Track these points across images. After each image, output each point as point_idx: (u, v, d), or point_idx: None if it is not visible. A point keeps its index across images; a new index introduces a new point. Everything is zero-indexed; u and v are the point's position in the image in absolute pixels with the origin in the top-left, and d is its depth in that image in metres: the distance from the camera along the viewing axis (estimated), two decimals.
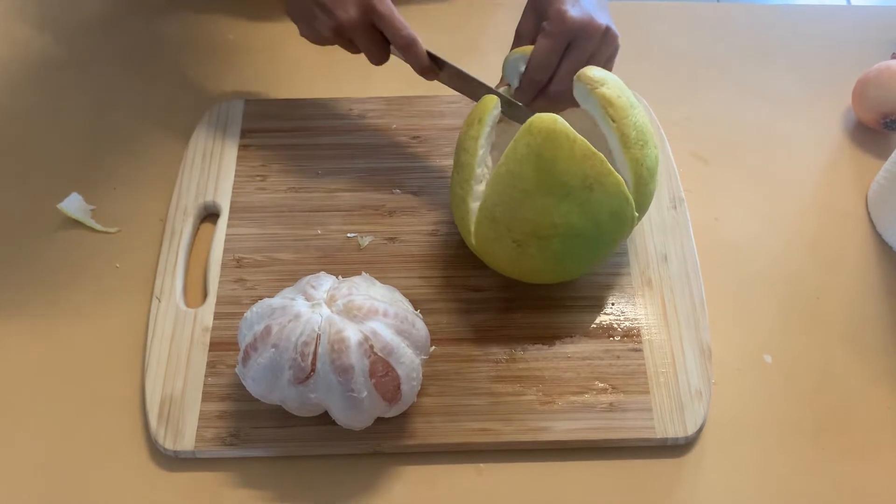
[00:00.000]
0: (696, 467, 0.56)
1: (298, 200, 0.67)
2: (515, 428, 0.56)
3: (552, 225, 0.54)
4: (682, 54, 0.79)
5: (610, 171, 0.54)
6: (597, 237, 0.56)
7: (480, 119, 0.57)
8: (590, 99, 0.56)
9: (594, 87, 0.56)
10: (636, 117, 0.56)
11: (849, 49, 0.78)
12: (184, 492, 0.55)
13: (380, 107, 0.72)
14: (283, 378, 0.51)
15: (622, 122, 0.56)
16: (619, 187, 0.54)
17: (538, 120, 0.53)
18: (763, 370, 0.60)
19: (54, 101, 0.74)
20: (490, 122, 0.57)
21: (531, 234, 0.55)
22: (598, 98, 0.56)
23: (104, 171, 0.69)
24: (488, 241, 0.57)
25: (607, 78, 0.57)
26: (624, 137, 0.56)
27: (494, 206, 0.55)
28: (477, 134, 0.57)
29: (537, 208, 0.54)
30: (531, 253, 0.56)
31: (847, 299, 0.63)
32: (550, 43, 0.58)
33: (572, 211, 0.54)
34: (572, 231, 0.55)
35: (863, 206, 0.68)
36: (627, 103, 0.56)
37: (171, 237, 0.65)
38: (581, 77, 0.56)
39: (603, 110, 0.56)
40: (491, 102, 0.58)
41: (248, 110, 0.72)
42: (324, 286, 0.52)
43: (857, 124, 0.73)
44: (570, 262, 0.58)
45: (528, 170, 0.53)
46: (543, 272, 0.59)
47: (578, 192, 0.53)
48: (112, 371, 0.59)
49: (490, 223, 0.56)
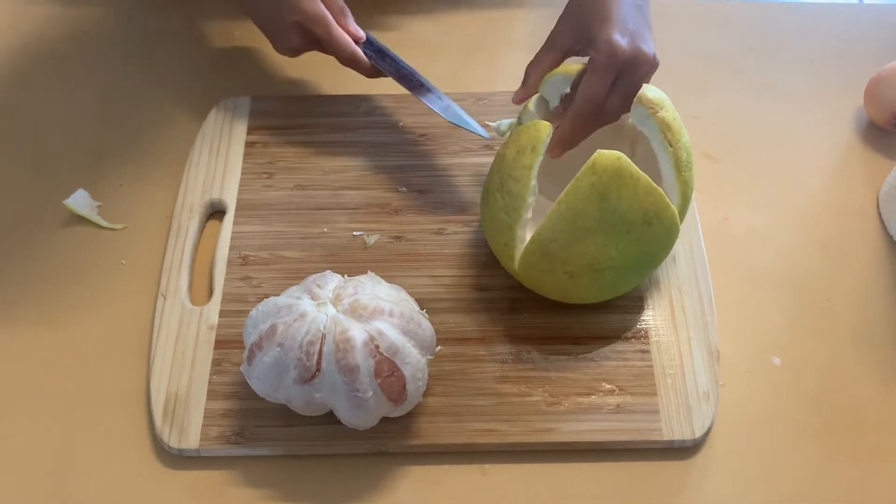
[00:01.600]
0: (703, 470, 0.55)
1: (305, 198, 0.67)
2: (521, 429, 0.56)
3: (609, 258, 0.54)
4: (693, 52, 0.78)
5: (668, 205, 0.54)
6: (648, 266, 0.57)
7: (534, 147, 0.55)
8: (648, 122, 0.56)
9: (654, 112, 0.56)
10: (686, 138, 0.57)
11: (861, 48, 0.78)
12: (188, 490, 0.54)
13: (387, 104, 0.72)
14: (288, 377, 0.51)
15: (677, 147, 0.56)
16: (674, 219, 0.55)
17: (602, 158, 0.52)
18: (771, 372, 0.59)
19: (61, 97, 0.74)
20: (542, 151, 0.55)
21: (586, 267, 0.55)
22: (658, 122, 0.56)
23: (110, 168, 0.69)
24: (537, 272, 0.57)
25: (663, 100, 0.57)
26: (678, 161, 0.56)
27: (550, 241, 0.54)
28: (530, 164, 0.55)
29: (596, 245, 0.54)
30: (583, 283, 0.56)
31: (857, 300, 0.62)
32: (601, 78, 0.55)
33: (630, 246, 0.54)
34: (627, 264, 0.55)
35: (874, 206, 0.68)
36: (680, 125, 0.57)
37: (177, 234, 0.64)
38: (642, 100, 0.56)
39: (662, 135, 0.56)
40: (544, 130, 0.55)
41: (255, 107, 0.72)
42: (329, 285, 0.52)
43: (868, 124, 0.72)
44: (619, 287, 0.58)
45: (591, 209, 0.53)
46: (590, 297, 0.59)
47: (638, 227, 0.54)
48: (117, 368, 0.59)
49: (542, 256, 0.55)
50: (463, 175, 0.68)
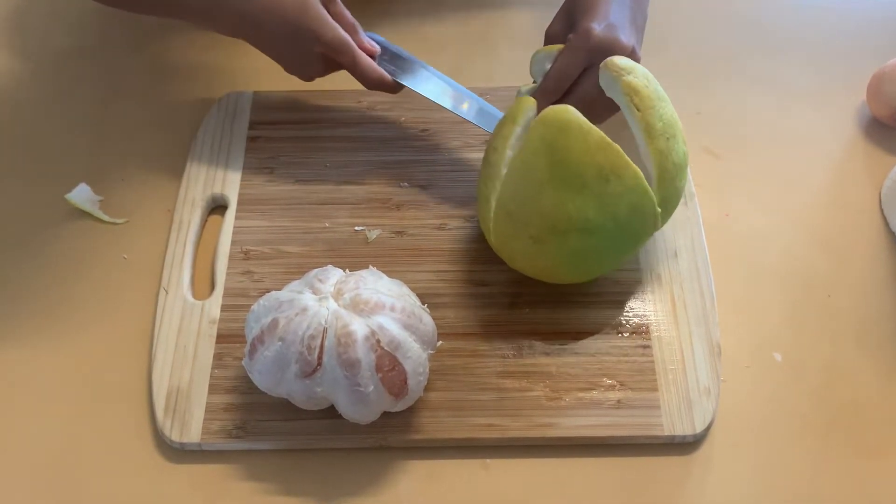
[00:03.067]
0: (704, 465, 0.55)
1: (306, 193, 0.67)
2: (522, 424, 0.56)
3: (568, 218, 0.53)
4: (694, 48, 0.78)
5: (627, 164, 0.53)
6: (616, 233, 0.55)
7: (514, 118, 0.56)
8: (615, 86, 0.55)
9: (620, 75, 0.55)
10: (663, 109, 0.56)
11: (864, 44, 0.77)
12: (189, 484, 0.55)
13: (388, 99, 0.72)
14: (290, 371, 0.51)
15: (647, 112, 0.55)
16: (638, 180, 0.53)
17: (551, 111, 0.52)
18: (773, 368, 0.59)
19: (63, 91, 0.74)
20: (522, 123, 0.56)
21: (548, 229, 0.54)
22: (623, 86, 0.55)
23: (112, 162, 0.69)
24: (506, 238, 0.57)
25: (635, 67, 0.56)
26: (649, 127, 0.55)
27: (509, 199, 0.55)
28: (508, 133, 0.56)
29: (552, 201, 0.53)
30: (549, 250, 0.55)
31: (859, 296, 0.62)
32: (572, 57, 0.58)
33: (588, 204, 0.53)
34: (589, 225, 0.53)
35: (876, 202, 0.67)
36: (655, 94, 0.56)
37: (179, 229, 0.64)
38: (608, 64, 0.56)
39: (628, 98, 0.55)
40: (527, 103, 0.56)
41: (257, 102, 0.72)
42: (331, 280, 0.52)
43: (871, 120, 0.72)
44: (589, 259, 0.57)
45: (541, 161, 0.52)
46: (563, 271, 0.58)
47: (594, 184, 0.52)
48: (119, 362, 0.59)
49: (506, 218, 0.55)
50: (464, 170, 0.68)
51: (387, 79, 0.64)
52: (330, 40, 0.61)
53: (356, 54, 0.62)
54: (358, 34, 0.65)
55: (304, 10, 0.60)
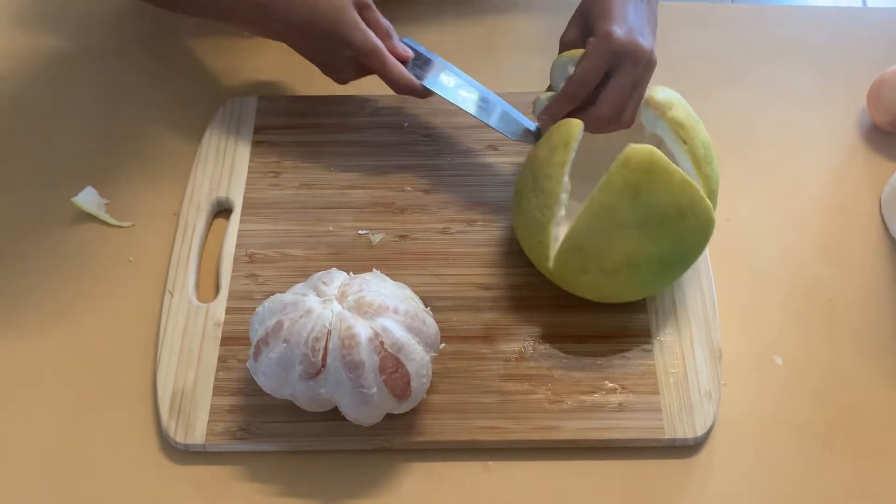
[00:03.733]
0: (705, 468, 0.56)
1: (310, 197, 0.67)
2: (524, 426, 0.56)
3: (646, 254, 0.55)
4: (697, 54, 0.78)
5: (702, 198, 0.54)
6: (683, 261, 0.57)
7: (566, 144, 0.56)
8: (659, 124, 0.57)
9: (664, 112, 0.56)
10: (702, 133, 0.57)
11: (864, 51, 0.78)
12: (194, 485, 0.55)
13: (392, 104, 0.73)
14: (294, 373, 0.51)
15: (693, 143, 0.56)
16: (709, 212, 0.55)
17: (635, 153, 0.53)
18: (773, 371, 0.60)
19: (69, 95, 0.75)
20: (575, 148, 0.56)
21: (622, 263, 0.55)
22: (668, 123, 0.56)
23: (118, 166, 0.70)
24: (572, 271, 0.57)
25: (673, 99, 0.57)
26: (696, 158, 0.56)
27: (584, 238, 0.55)
28: (563, 160, 0.56)
29: (631, 239, 0.54)
30: (620, 280, 0.56)
31: (859, 301, 0.63)
32: (595, 60, 0.57)
33: (664, 239, 0.54)
34: (662, 259, 0.55)
35: (876, 207, 0.68)
36: (694, 121, 0.57)
37: (185, 232, 0.65)
38: (649, 103, 0.57)
39: (675, 133, 0.56)
40: (576, 127, 0.56)
41: (262, 107, 0.73)
42: (335, 282, 0.53)
43: (871, 126, 0.73)
44: (655, 284, 0.59)
45: (623, 203, 0.53)
46: (626, 295, 0.59)
47: (673, 221, 0.54)
48: (124, 364, 0.60)
49: (576, 253, 0.56)
50: (467, 175, 0.68)
51: (415, 84, 0.65)
52: (360, 45, 0.63)
53: (385, 59, 0.64)
54: (391, 39, 0.66)
55: (338, 16, 0.63)
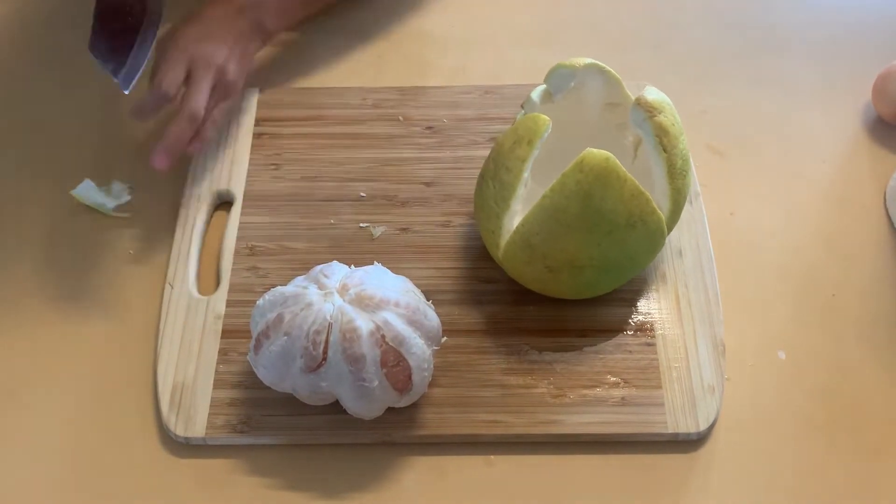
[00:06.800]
0: (707, 463, 0.55)
1: (312, 189, 0.67)
2: (526, 420, 0.56)
3: (589, 258, 0.54)
4: (699, 46, 0.78)
5: (654, 211, 0.54)
6: (629, 269, 0.57)
7: (530, 141, 0.55)
8: (645, 125, 0.56)
9: (651, 115, 0.55)
10: (683, 144, 0.57)
11: (869, 43, 0.77)
12: (194, 478, 0.55)
13: (394, 96, 0.72)
14: (295, 366, 0.51)
15: (672, 153, 0.56)
16: (660, 225, 0.55)
17: (590, 157, 0.52)
18: (777, 366, 0.59)
19: (69, 87, 0.75)
20: (539, 146, 0.56)
21: (566, 263, 0.55)
22: (653, 126, 0.55)
23: (119, 157, 0.70)
24: (518, 262, 0.57)
25: (663, 103, 0.56)
26: (671, 168, 0.56)
27: (533, 234, 0.55)
28: (525, 156, 0.55)
29: (578, 242, 0.54)
30: (562, 279, 0.56)
31: (863, 295, 0.62)
32: None
33: (612, 247, 0.54)
34: (607, 264, 0.55)
35: (880, 201, 0.67)
36: (679, 130, 0.56)
37: (185, 224, 0.65)
38: (640, 102, 0.56)
39: (657, 139, 0.55)
40: (543, 125, 0.55)
41: (263, 99, 0.72)
42: (336, 275, 0.52)
43: (876, 119, 0.72)
44: (598, 287, 0.59)
45: (574, 206, 0.53)
46: (568, 294, 0.59)
47: (621, 229, 0.54)
48: (124, 357, 0.59)
49: (524, 248, 0.55)
50: (469, 168, 0.68)
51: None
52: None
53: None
54: None
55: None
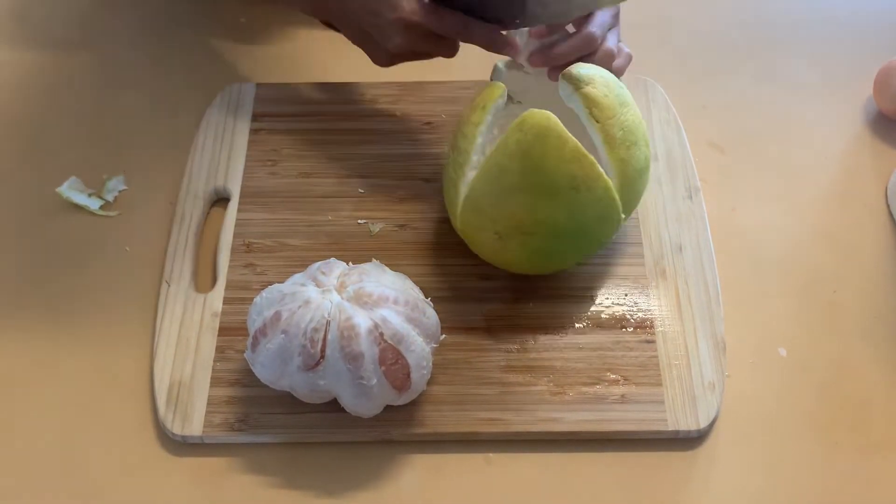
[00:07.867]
0: (708, 461, 0.55)
1: (309, 186, 0.66)
2: (525, 418, 0.55)
3: (536, 222, 0.54)
4: (700, 41, 0.77)
5: (599, 175, 0.54)
6: (580, 237, 0.57)
7: (484, 106, 0.56)
8: (573, 98, 0.55)
9: (578, 87, 0.55)
10: (624, 116, 0.56)
11: (871, 38, 0.77)
12: (191, 477, 0.54)
13: (392, 92, 0.72)
14: (293, 364, 0.50)
15: (607, 123, 0.55)
16: (608, 191, 0.54)
17: (531, 116, 0.52)
18: (778, 363, 0.59)
19: (64, 81, 0.74)
20: (493, 111, 0.56)
21: (514, 228, 0.55)
22: (581, 98, 0.55)
23: (114, 154, 0.69)
24: (472, 229, 0.57)
25: (594, 76, 0.56)
26: (609, 138, 0.55)
27: (481, 196, 0.55)
28: (478, 120, 0.56)
29: (522, 204, 0.54)
30: (512, 247, 0.56)
31: (864, 292, 0.62)
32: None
33: (558, 210, 0.54)
34: (556, 230, 0.55)
35: (882, 198, 0.67)
36: (616, 102, 0.55)
37: (182, 221, 0.64)
38: (566, 76, 0.55)
39: (587, 110, 0.55)
40: (497, 91, 0.57)
41: (260, 94, 0.72)
42: (334, 272, 0.52)
43: (878, 115, 0.72)
44: (552, 258, 0.58)
45: (515, 166, 0.53)
46: (524, 266, 0.59)
47: (565, 192, 0.53)
48: (121, 355, 0.59)
49: (475, 212, 0.56)
50: None
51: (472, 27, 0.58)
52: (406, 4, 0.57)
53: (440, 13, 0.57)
54: None
55: None
